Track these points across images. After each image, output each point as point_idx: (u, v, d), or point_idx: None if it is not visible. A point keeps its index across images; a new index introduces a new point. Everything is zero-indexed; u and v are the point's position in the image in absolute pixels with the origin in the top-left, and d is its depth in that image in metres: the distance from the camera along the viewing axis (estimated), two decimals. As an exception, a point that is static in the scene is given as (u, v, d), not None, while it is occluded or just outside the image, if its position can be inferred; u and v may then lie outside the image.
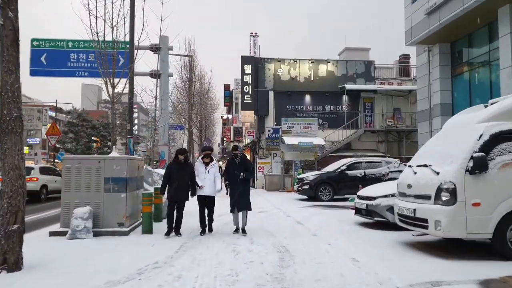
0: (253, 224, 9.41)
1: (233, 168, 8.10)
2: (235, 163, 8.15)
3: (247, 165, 8.25)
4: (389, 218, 8.38)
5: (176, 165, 8.10)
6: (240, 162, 8.14)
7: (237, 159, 8.17)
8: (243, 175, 7.98)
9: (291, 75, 24.95)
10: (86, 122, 33.89)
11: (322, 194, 15.60)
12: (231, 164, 8.23)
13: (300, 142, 21.15)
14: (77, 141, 33.17)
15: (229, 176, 8.20)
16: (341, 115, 25.09)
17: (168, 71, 18.69)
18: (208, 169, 8.07)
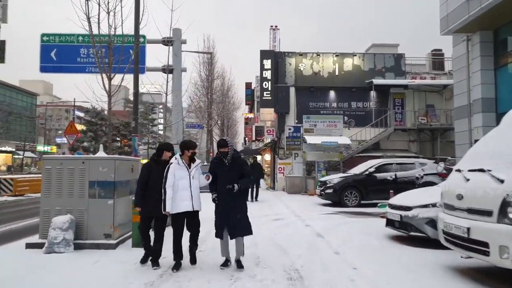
0: (264, 236, 8.05)
1: (221, 174, 5.45)
2: (224, 166, 5.46)
3: (243, 169, 5.53)
4: (429, 233, 6.84)
5: (159, 166, 5.74)
6: (231, 164, 5.45)
7: (226, 159, 5.44)
8: (238, 187, 5.37)
9: (314, 69, 23.39)
10: (104, 121, 33.44)
11: (347, 199, 14.06)
12: (217, 167, 5.51)
13: (323, 142, 19.61)
14: (96, 140, 32.73)
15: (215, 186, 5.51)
16: (368, 112, 23.36)
17: (182, 65, 17.58)
18: (192, 174, 5.48)
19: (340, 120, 20.98)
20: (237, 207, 5.46)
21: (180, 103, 17.35)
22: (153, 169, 5.78)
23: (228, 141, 5.52)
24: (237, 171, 5.46)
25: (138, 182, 5.85)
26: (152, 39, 17.31)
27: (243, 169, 5.57)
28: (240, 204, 5.52)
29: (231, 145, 5.46)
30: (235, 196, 5.42)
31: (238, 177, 5.44)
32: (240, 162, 5.59)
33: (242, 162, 5.68)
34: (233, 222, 5.41)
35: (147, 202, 5.67)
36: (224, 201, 5.44)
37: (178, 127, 17.24)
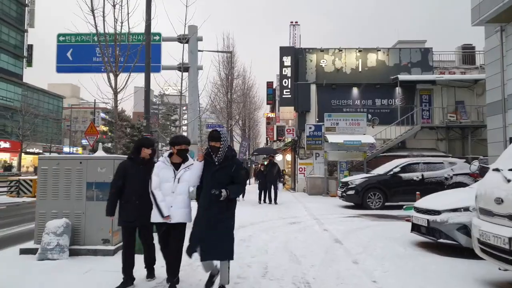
0: (277, 242, 7.40)
1: (207, 175, 4.30)
2: (213, 165, 4.29)
3: (236, 173, 4.32)
4: (461, 241, 6.05)
5: (137, 166, 4.73)
6: (222, 164, 4.28)
7: (216, 156, 4.29)
8: (226, 194, 4.14)
9: (336, 66, 22.54)
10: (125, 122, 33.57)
11: (370, 201, 13.23)
12: (204, 165, 4.38)
13: (345, 141, 18.75)
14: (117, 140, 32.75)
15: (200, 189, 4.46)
16: (393, 109, 22.33)
17: (198, 63, 17.16)
18: (179, 176, 4.46)
19: (364, 118, 20.05)
20: (220, 221, 4.21)
21: (197, 101, 16.91)
22: (130, 169, 4.72)
23: (222, 133, 4.31)
24: (228, 174, 4.26)
25: (110, 185, 4.78)
26: (167, 37, 16.97)
27: (237, 173, 4.30)
28: (226, 217, 4.28)
29: (226, 139, 4.31)
30: (221, 206, 4.20)
31: (228, 181, 4.25)
32: (233, 163, 4.32)
33: (236, 163, 4.37)
34: (209, 239, 4.16)
35: (125, 210, 4.66)
36: (205, 210, 4.23)
37: (194, 126, 16.82)
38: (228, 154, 4.33)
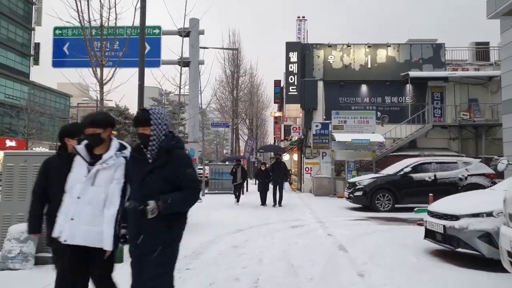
0: (274, 249, 6.67)
1: (135, 179, 2.86)
2: (144, 163, 2.83)
3: (180, 174, 2.79)
4: (483, 251, 5.27)
5: (64, 163, 3.13)
6: (158, 162, 2.79)
7: (148, 149, 2.83)
8: (154, 209, 2.67)
9: (344, 62, 21.71)
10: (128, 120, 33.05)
11: (379, 203, 12.42)
12: (132, 164, 2.95)
13: (353, 139, 17.93)
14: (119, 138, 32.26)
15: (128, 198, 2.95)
16: (404, 107, 21.44)
17: (199, 57, 16.48)
18: (92, 174, 2.92)
19: (373, 116, 19.21)
20: (148, 256, 2.74)
21: (197, 97, 16.24)
22: (55, 169, 3.23)
23: (153, 113, 2.77)
24: (166, 177, 2.74)
25: (33, 191, 3.32)
26: (167, 30, 16.30)
27: (182, 174, 2.76)
28: (158, 248, 2.75)
29: (160, 122, 2.77)
30: (153, 230, 2.73)
31: (167, 188, 2.73)
32: (175, 159, 2.76)
33: (180, 159, 2.80)
34: (138, 279, 2.80)
35: (51, 225, 3.00)
36: (132, 240, 2.83)
37: (195, 123, 16.13)
38: (164, 145, 2.75)
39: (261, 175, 14.14)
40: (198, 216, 11.13)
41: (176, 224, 2.86)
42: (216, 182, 20.02)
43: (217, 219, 10.66)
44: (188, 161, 2.87)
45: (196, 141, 16.26)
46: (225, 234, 8.15)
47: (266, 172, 14.03)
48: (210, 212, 12.26)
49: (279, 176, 13.82)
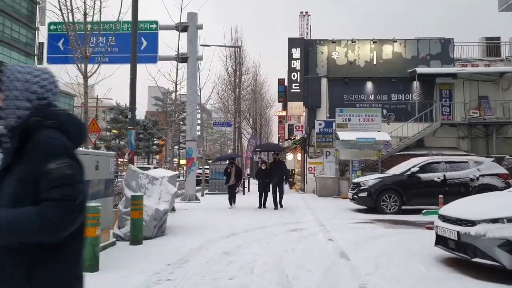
0: (269, 256, 6.07)
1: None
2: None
3: (39, 171, 1.39)
4: (504, 261, 4.63)
5: None
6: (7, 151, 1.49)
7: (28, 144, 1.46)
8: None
9: (349, 58, 21.03)
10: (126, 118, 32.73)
11: (385, 205, 11.75)
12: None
13: (358, 138, 17.26)
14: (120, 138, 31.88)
15: None
16: (411, 105, 20.72)
17: (198, 53, 15.91)
18: None
19: (378, 114, 18.52)
20: None
21: (195, 94, 15.67)
22: None
23: (8, 71, 1.53)
24: (23, 177, 1.43)
25: None
26: (164, 25, 15.76)
27: (41, 173, 1.40)
28: None
29: (18, 87, 1.52)
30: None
31: (27, 196, 1.41)
32: (33, 146, 1.45)
33: (38, 145, 1.44)
34: None
35: None
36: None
37: (193, 120, 15.58)
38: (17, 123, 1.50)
39: (262, 175, 13.19)
40: (194, 218, 10.58)
41: (44, 270, 1.44)
42: (216, 182, 19.43)
43: (213, 221, 10.08)
44: (53, 149, 1.45)
45: (195, 139, 15.70)
46: (219, 238, 7.56)
47: (267, 171, 13.08)
48: (207, 213, 11.70)
49: (277, 177, 12.85)
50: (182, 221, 9.89)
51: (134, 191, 7.65)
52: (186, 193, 15.23)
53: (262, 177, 13.15)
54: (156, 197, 7.81)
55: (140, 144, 33.53)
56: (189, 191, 15.18)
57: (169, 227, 8.78)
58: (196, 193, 15.65)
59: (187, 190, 15.28)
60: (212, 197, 17.46)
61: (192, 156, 15.38)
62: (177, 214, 11.46)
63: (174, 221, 9.88)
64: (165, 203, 7.82)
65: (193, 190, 15.34)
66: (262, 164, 13.73)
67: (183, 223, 9.66)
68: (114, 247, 6.57)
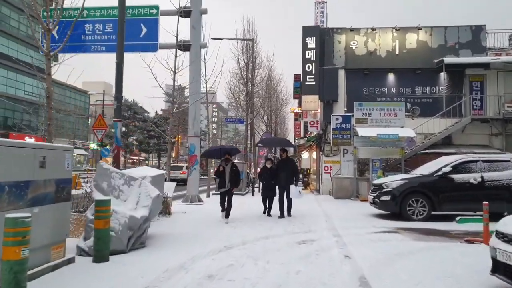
0: (263, 284, 4.56)
1: None
2: None
3: None
4: None
5: None
6: None
7: None
8: None
9: (369, 48, 19.29)
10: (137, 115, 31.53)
11: (411, 210, 10.11)
12: None
13: (379, 134, 15.56)
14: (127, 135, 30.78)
15: None
16: (437, 99, 18.89)
17: (201, 40, 14.52)
18: None
19: (402, 108, 16.75)
20: None
21: (198, 84, 14.28)
22: None
23: None
24: None
25: None
26: (165, 10, 14.40)
27: None
28: None
29: None
30: None
31: None
32: None
33: None
34: None
35: None
36: None
37: (195, 114, 14.21)
38: None
39: (266, 175, 10.73)
40: (188, 224, 9.17)
41: None
42: (224, 182, 17.96)
43: (210, 228, 8.67)
44: None
45: (198, 135, 14.32)
46: (208, 254, 6.12)
47: (272, 171, 10.71)
48: (206, 218, 10.29)
49: (285, 178, 10.37)
50: (173, 228, 8.49)
51: (105, 193, 6.29)
52: (188, 194, 13.86)
53: (266, 178, 10.73)
54: (133, 202, 6.41)
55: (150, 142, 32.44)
56: (191, 192, 13.81)
57: (154, 237, 7.39)
58: (199, 194, 14.26)
59: (189, 191, 13.91)
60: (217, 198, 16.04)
61: (194, 154, 14.00)
62: (172, 219, 10.09)
63: (164, 228, 8.50)
64: (144, 209, 6.41)
65: (196, 191, 13.95)
66: (267, 161, 11.24)
67: (174, 230, 8.26)
68: (71, 265, 5.20)
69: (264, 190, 10.90)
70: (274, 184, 10.68)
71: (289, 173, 10.41)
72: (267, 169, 10.84)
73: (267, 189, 10.78)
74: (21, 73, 52.00)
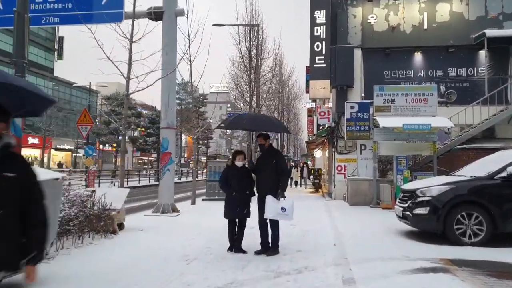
0: None
1: None
2: None
3: None
4: None
5: None
6: None
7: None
8: None
9: (391, 22, 16.00)
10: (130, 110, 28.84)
11: (461, 230, 6.84)
12: None
13: (406, 125, 12.26)
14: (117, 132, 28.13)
15: None
16: (476, 82, 15.54)
17: (177, 6, 11.52)
18: None
19: (434, 92, 13.36)
20: None
21: (173, 61, 11.26)
22: None
23: None
24: None
25: None
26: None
27: None
28: None
29: None
30: None
31: None
32: None
33: None
34: None
35: None
36: None
37: (169, 100, 11.18)
38: None
39: (235, 180, 6.10)
40: (125, 255, 6.07)
41: None
42: (215, 185, 14.94)
43: (149, 264, 5.62)
44: None
45: (172, 126, 11.29)
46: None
47: (245, 173, 6.22)
48: (160, 243, 7.23)
49: (267, 183, 5.99)
50: (95, 265, 5.45)
51: None
52: (160, 202, 10.85)
53: (235, 184, 6.09)
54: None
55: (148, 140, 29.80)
56: (163, 200, 10.80)
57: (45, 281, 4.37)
58: (174, 202, 11.24)
59: (160, 198, 10.90)
60: (205, 206, 13.04)
61: (168, 150, 10.97)
62: (113, 242, 7.07)
63: (77, 264, 5.47)
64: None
65: (170, 198, 10.93)
66: (236, 156, 6.22)
67: (94, 268, 5.23)
68: None
69: (231, 207, 6.09)
70: (248, 195, 6.16)
71: (272, 174, 5.97)
72: (238, 170, 6.17)
73: (235, 205, 6.05)
74: (22, 71, 50.14)
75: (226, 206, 6.13)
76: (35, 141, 49.31)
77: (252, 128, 6.90)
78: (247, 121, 6.68)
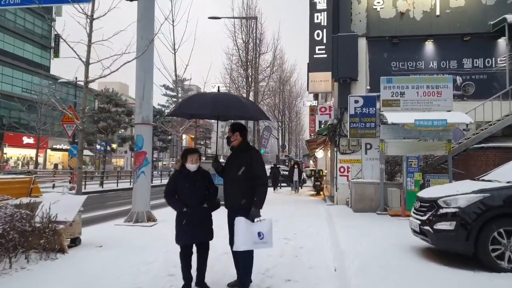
0: None
1: None
2: None
3: None
4: None
5: None
6: None
7: None
8: None
9: (399, 8, 14.49)
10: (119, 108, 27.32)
11: (499, 252, 5.32)
12: None
13: (418, 120, 10.73)
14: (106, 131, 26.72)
15: None
16: (494, 75, 14.00)
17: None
18: None
19: (449, 84, 11.80)
20: None
21: (150, 47, 9.77)
22: None
23: None
24: None
25: None
26: None
27: None
28: None
29: None
30: None
31: None
32: None
33: None
34: None
35: None
36: None
37: (144, 91, 9.70)
38: None
39: (186, 191, 4.38)
40: None
41: None
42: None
43: None
44: None
45: (148, 122, 9.79)
46: None
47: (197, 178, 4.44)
48: (112, 270, 5.76)
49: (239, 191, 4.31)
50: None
51: None
52: (133, 211, 9.35)
53: (187, 195, 4.38)
54: None
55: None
56: (137, 208, 9.30)
57: None
58: (151, 210, 9.74)
59: (134, 206, 9.39)
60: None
61: (143, 150, 9.47)
62: (57, 264, 5.60)
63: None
64: None
65: (145, 206, 9.43)
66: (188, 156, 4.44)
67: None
68: None
69: (183, 228, 4.37)
70: (209, 209, 4.49)
71: (242, 182, 4.30)
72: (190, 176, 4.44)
73: (189, 225, 4.34)
74: (18, 69, 49.28)
75: (177, 227, 4.38)
76: (31, 141, 48.08)
77: (214, 113, 4.85)
78: (214, 104, 4.52)
